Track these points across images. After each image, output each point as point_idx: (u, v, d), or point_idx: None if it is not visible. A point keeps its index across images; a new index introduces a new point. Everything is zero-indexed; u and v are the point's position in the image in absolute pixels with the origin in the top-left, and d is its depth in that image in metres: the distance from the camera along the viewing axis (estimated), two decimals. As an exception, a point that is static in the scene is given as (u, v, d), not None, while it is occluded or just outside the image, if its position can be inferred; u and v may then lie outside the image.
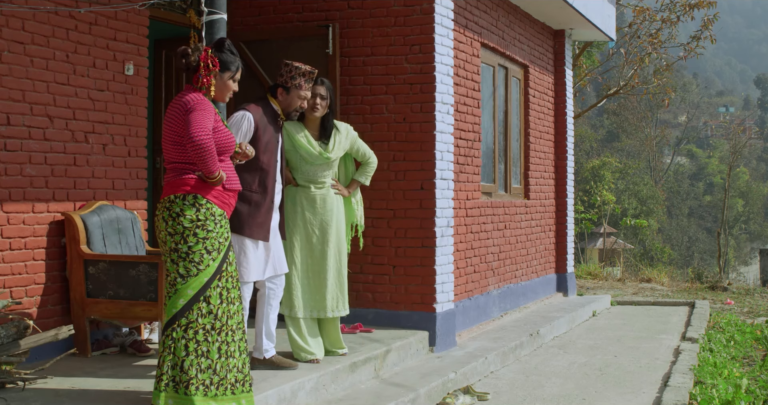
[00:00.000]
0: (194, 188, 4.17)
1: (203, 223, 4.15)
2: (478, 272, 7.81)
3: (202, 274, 4.14)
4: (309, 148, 5.40)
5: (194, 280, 4.13)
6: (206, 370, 4.12)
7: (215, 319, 4.16)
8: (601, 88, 20.27)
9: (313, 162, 5.44)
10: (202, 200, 4.17)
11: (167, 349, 4.12)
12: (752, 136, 54.86)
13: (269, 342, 5.16)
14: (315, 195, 5.49)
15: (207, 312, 4.15)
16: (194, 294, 4.12)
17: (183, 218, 4.13)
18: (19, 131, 5.15)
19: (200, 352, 4.12)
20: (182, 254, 4.13)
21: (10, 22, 5.08)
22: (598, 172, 33.84)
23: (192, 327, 4.12)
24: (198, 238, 4.13)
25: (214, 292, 4.17)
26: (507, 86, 8.92)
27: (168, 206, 4.17)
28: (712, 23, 15.54)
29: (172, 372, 4.10)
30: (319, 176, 5.50)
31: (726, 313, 10.12)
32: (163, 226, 4.18)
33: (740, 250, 47.39)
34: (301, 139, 5.40)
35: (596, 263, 19.30)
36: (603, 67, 19.31)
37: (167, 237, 4.17)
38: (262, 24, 7.14)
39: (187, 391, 4.06)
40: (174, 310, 4.12)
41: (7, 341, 4.50)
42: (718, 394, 5.71)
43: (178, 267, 4.13)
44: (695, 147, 61.30)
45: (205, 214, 4.17)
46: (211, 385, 4.11)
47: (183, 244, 4.13)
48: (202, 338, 4.13)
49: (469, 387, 5.72)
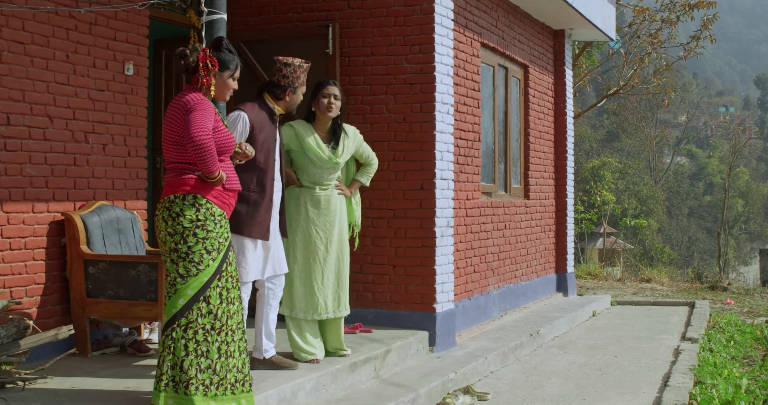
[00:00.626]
0: (194, 188, 4.17)
1: (203, 223, 4.15)
2: (478, 272, 7.81)
3: (202, 274, 4.14)
4: (318, 151, 5.41)
5: (194, 280, 4.12)
6: (206, 370, 4.12)
7: (215, 319, 4.16)
8: (601, 88, 20.26)
9: (322, 165, 5.44)
10: (202, 200, 4.17)
11: (167, 349, 4.12)
12: (752, 136, 54.92)
13: (269, 342, 5.16)
14: (320, 196, 5.49)
15: (207, 312, 4.15)
16: (194, 294, 4.12)
17: (183, 218, 4.13)
18: (19, 131, 5.15)
19: (200, 352, 4.12)
20: (182, 254, 4.13)
21: (10, 22, 5.08)
22: (598, 172, 33.85)
23: (192, 327, 4.12)
24: (198, 238, 4.13)
25: (214, 292, 4.17)
26: (507, 86, 8.92)
27: (168, 206, 4.17)
28: (712, 23, 15.54)
29: (171, 372, 4.10)
30: (325, 179, 5.50)
31: (726, 313, 10.12)
32: (163, 226, 4.18)
33: (740, 250, 47.40)
34: (310, 142, 5.41)
35: (596, 263, 19.30)
36: (603, 67, 19.32)
37: (167, 237, 4.16)
38: (262, 24, 7.14)
39: (187, 391, 4.06)
40: (174, 310, 4.12)
41: (7, 341, 4.50)
42: (718, 394, 5.71)
43: (178, 267, 4.13)
44: (695, 147, 61.32)
45: (205, 214, 4.16)
46: (211, 385, 4.11)
47: (183, 244, 4.13)
48: (201, 338, 4.13)
49: (469, 387, 5.72)
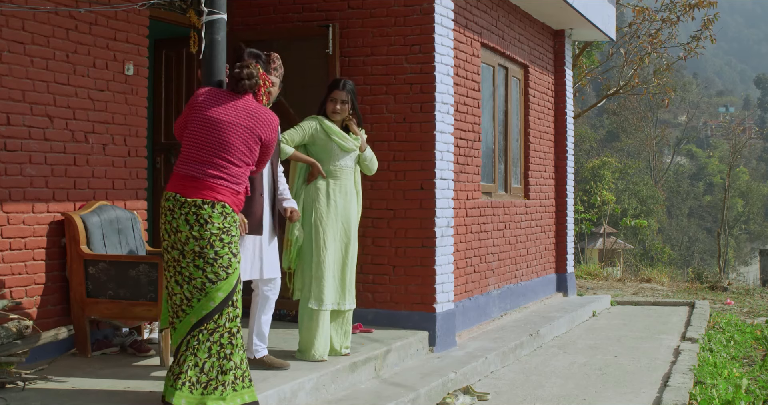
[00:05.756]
0: (225, 197, 4.21)
1: (227, 229, 4.20)
2: (478, 272, 7.81)
3: (232, 276, 4.20)
4: (343, 134, 5.58)
5: (224, 283, 4.17)
6: (228, 372, 4.18)
7: (237, 321, 4.25)
8: (601, 88, 20.25)
9: (348, 149, 5.58)
10: (229, 209, 4.23)
11: (190, 349, 4.15)
12: (752, 136, 54.88)
13: (260, 342, 5.18)
14: (346, 185, 5.62)
15: (234, 316, 4.22)
16: (225, 297, 4.17)
17: (211, 225, 4.16)
18: (19, 131, 5.15)
19: (223, 355, 4.18)
20: (209, 260, 4.16)
21: (10, 22, 5.08)
22: (598, 172, 33.86)
23: (218, 331, 4.18)
24: (224, 242, 4.18)
25: (238, 296, 4.24)
26: (507, 86, 8.92)
27: (195, 211, 4.16)
28: (712, 23, 15.53)
29: (191, 372, 4.13)
30: (349, 165, 5.65)
31: (726, 313, 10.12)
32: (186, 228, 4.16)
33: (740, 250, 47.38)
34: (334, 128, 5.58)
35: (596, 263, 19.30)
36: (603, 67, 19.31)
37: (190, 239, 4.17)
38: (262, 24, 7.14)
39: (205, 391, 4.13)
40: (204, 312, 4.16)
41: (7, 341, 4.50)
42: (718, 394, 5.71)
43: (206, 272, 4.15)
44: (695, 147, 61.31)
45: (230, 221, 4.23)
46: (227, 385, 4.17)
47: (209, 248, 4.15)
48: (226, 341, 4.19)
49: (469, 387, 5.72)
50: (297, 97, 6.72)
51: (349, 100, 5.60)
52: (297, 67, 6.85)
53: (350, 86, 5.63)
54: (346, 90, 5.59)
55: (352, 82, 5.69)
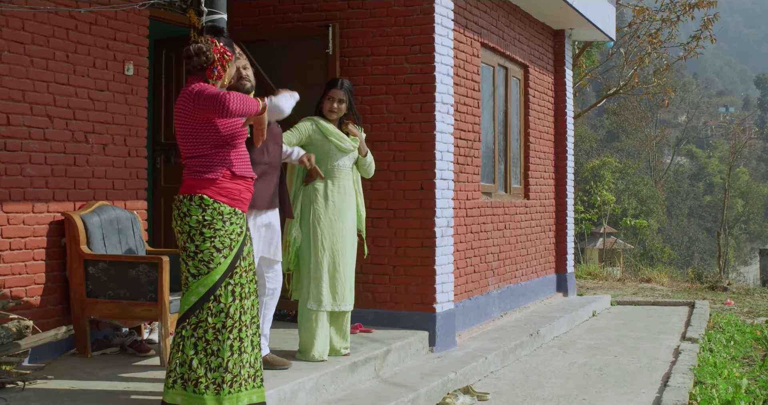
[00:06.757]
0: (201, 189, 4.15)
1: (210, 222, 4.14)
2: (478, 272, 7.81)
3: (214, 272, 4.13)
4: (340, 135, 5.56)
5: (205, 278, 4.13)
6: (217, 369, 4.11)
7: (227, 317, 4.14)
8: (601, 88, 20.25)
9: (346, 149, 5.56)
10: (209, 201, 4.14)
11: (176, 347, 4.14)
12: (752, 136, 54.89)
13: (263, 340, 5.17)
14: (344, 185, 5.60)
15: (218, 311, 4.13)
16: (205, 292, 4.12)
17: (189, 218, 4.14)
18: (19, 131, 5.15)
19: (210, 351, 4.12)
20: (191, 253, 4.15)
21: (10, 22, 5.08)
22: (598, 172, 33.86)
23: (201, 326, 4.12)
24: (204, 236, 4.13)
25: (226, 290, 4.15)
26: (507, 86, 8.91)
27: (177, 205, 4.20)
28: (712, 23, 15.53)
29: (180, 369, 4.11)
30: (347, 166, 5.63)
31: (726, 313, 10.12)
32: (173, 224, 4.24)
33: (740, 250, 47.40)
34: (331, 128, 5.55)
35: (596, 263, 19.30)
36: (603, 67, 19.31)
37: (178, 234, 4.22)
38: (262, 24, 7.14)
39: (196, 390, 4.07)
40: (186, 307, 4.14)
41: (7, 341, 4.50)
42: (718, 394, 5.71)
43: (188, 266, 4.16)
44: (695, 147, 61.33)
45: (212, 214, 4.15)
46: (223, 384, 4.10)
47: (190, 242, 4.14)
48: (212, 337, 4.12)
49: (469, 387, 5.72)
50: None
51: (346, 99, 5.58)
52: (297, 67, 6.86)
53: (348, 85, 5.61)
54: (344, 89, 5.57)
55: (350, 82, 5.68)
